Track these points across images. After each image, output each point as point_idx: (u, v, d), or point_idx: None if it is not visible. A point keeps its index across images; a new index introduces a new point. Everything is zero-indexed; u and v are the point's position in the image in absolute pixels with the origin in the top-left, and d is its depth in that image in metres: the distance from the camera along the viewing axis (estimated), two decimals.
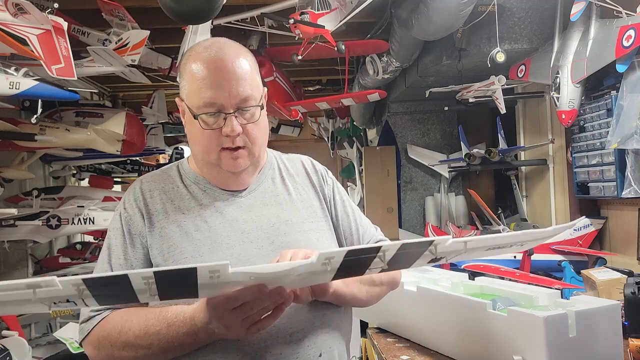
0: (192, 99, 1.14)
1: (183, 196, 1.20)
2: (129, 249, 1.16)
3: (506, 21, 3.13)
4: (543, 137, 3.55)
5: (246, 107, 1.13)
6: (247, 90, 1.13)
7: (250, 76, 1.15)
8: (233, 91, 1.11)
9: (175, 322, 1.02)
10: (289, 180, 1.28)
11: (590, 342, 1.36)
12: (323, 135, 7.23)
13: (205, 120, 1.12)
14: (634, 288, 1.66)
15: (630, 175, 2.44)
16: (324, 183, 1.31)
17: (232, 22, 3.24)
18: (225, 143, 1.14)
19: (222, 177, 1.20)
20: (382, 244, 0.85)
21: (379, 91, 3.79)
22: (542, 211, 3.67)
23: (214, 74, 1.11)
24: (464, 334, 1.57)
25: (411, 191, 4.82)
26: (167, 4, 2.23)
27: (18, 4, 2.40)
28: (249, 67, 1.16)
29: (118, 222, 1.19)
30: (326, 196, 1.29)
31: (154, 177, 1.25)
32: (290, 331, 1.08)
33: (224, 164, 1.16)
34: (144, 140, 4.02)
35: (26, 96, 2.89)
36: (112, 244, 1.17)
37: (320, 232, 1.23)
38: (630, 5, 2.40)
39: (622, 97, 2.43)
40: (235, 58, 1.14)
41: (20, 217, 3.68)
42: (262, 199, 1.22)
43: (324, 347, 1.12)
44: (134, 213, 1.18)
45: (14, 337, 2.88)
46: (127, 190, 1.24)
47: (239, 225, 1.16)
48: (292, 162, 1.34)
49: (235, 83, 1.12)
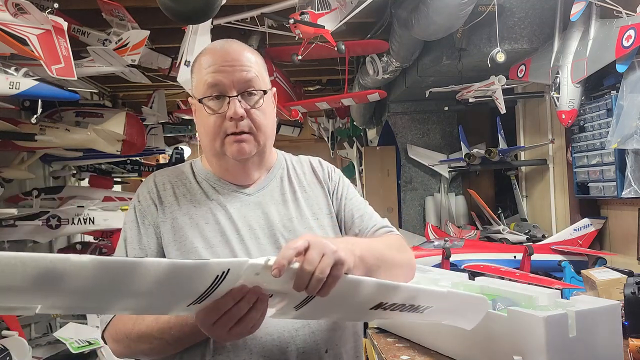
0: (199, 88, 1.18)
1: (195, 191, 1.23)
2: (143, 238, 1.18)
3: (506, 21, 3.13)
4: (543, 137, 3.55)
5: (249, 90, 1.16)
6: (250, 74, 1.16)
7: (255, 65, 1.18)
8: (237, 75, 1.14)
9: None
10: (296, 180, 1.30)
11: (590, 342, 1.36)
12: (323, 135, 7.23)
13: (208, 105, 1.15)
14: (634, 288, 1.66)
15: (630, 175, 2.44)
16: (329, 179, 1.33)
17: (232, 22, 3.24)
18: (229, 128, 1.15)
19: (229, 167, 1.22)
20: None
21: (379, 91, 3.79)
22: (542, 211, 3.67)
23: (218, 60, 1.16)
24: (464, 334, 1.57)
25: (411, 191, 4.82)
26: (165, 3, 2.23)
27: (18, 4, 2.40)
28: (254, 59, 1.19)
29: (132, 215, 1.22)
30: (331, 190, 1.31)
31: (167, 172, 1.28)
32: (296, 326, 1.09)
33: (228, 150, 1.17)
34: (144, 140, 4.03)
35: (26, 96, 2.89)
36: (128, 237, 1.19)
37: (325, 229, 1.24)
38: (630, 5, 2.40)
39: (622, 97, 2.43)
40: (241, 49, 1.19)
41: (20, 217, 3.69)
42: (270, 197, 1.24)
43: (330, 344, 1.13)
44: (148, 205, 1.21)
45: (14, 337, 2.88)
46: (141, 184, 1.27)
47: (247, 222, 1.19)
48: (300, 162, 1.36)
49: (238, 67, 1.15)
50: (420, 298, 1.02)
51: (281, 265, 0.82)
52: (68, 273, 0.70)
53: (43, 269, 0.68)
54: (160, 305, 0.87)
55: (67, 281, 0.70)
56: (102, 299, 0.81)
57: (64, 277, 0.70)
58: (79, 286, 0.72)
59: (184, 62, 2.85)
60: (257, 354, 1.06)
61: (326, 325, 1.13)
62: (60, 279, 0.70)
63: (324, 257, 0.86)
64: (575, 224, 3.03)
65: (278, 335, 1.08)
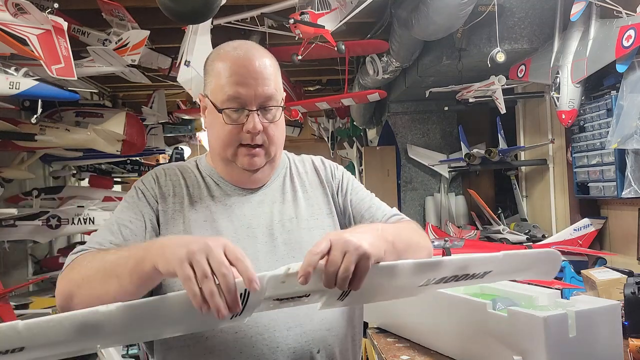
0: (217, 94, 1.17)
1: (199, 185, 1.24)
2: (138, 208, 1.17)
3: (506, 21, 3.13)
4: (543, 137, 3.55)
5: (269, 106, 1.17)
6: (271, 89, 1.17)
7: (274, 78, 1.19)
8: (259, 89, 1.15)
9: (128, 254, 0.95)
10: (298, 179, 1.31)
11: (590, 342, 1.36)
12: (323, 135, 7.23)
13: (229, 115, 1.16)
14: (634, 288, 1.66)
15: (630, 175, 2.44)
16: (333, 177, 1.33)
17: (232, 22, 3.24)
18: (244, 140, 1.16)
19: (235, 174, 1.22)
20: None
21: (379, 91, 3.79)
22: (542, 211, 3.67)
23: (241, 71, 1.15)
24: (464, 334, 1.57)
25: (411, 191, 4.82)
26: (165, 3, 2.23)
27: (18, 4, 2.40)
28: (274, 69, 1.20)
29: (134, 191, 1.22)
30: (335, 188, 1.32)
31: (174, 166, 1.29)
32: (288, 325, 1.09)
33: (239, 161, 1.18)
34: (144, 140, 4.03)
35: (26, 96, 2.89)
36: (121, 214, 1.17)
37: (325, 229, 1.24)
38: (630, 5, 2.40)
39: (622, 97, 2.43)
40: (262, 59, 1.18)
41: (20, 217, 3.69)
42: (272, 197, 1.25)
43: (322, 344, 1.13)
44: (151, 187, 1.21)
45: None
46: (148, 172, 1.28)
47: (246, 220, 1.19)
48: (303, 162, 1.37)
49: (261, 82, 1.15)
50: (473, 267, 1.01)
51: (307, 272, 0.84)
52: (102, 322, 0.79)
53: (79, 323, 0.78)
54: (202, 324, 0.94)
55: (105, 327, 0.80)
56: (145, 331, 0.90)
57: (100, 325, 0.79)
58: (117, 328, 0.81)
59: (184, 62, 2.85)
60: (248, 353, 1.06)
61: (320, 325, 1.13)
62: (98, 327, 0.79)
63: (346, 254, 0.87)
64: (575, 224, 3.03)
65: (269, 335, 1.07)
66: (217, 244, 0.83)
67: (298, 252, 1.16)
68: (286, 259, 1.14)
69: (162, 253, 0.86)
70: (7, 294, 3.10)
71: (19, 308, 3.52)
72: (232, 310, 0.81)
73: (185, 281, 0.81)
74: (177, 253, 0.83)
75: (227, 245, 0.84)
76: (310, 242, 1.13)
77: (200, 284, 0.80)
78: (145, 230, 1.15)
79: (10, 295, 3.32)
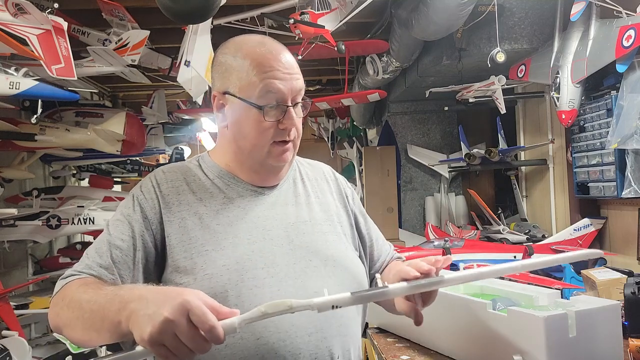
0: (249, 91, 1.13)
1: (207, 188, 1.19)
2: (130, 224, 1.12)
3: (506, 21, 3.13)
4: (543, 137, 3.55)
5: (300, 101, 1.17)
6: (301, 82, 1.17)
7: (299, 70, 1.19)
8: (293, 83, 1.14)
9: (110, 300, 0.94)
10: (309, 183, 1.30)
11: (590, 342, 1.36)
12: (323, 135, 7.23)
13: (269, 113, 1.13)
14: (634, 288, 1.67)
15: (630, 175, 2.44)
16: (344, 192, 1.35)
17: (232, 22, 3.24)
18: (279, 136, 1.15)
19: (262, 171, 1.20)
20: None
21: (379, 91, 3.79)
22: (542, 211, 3.67)
23: (275, 65, 1.13)
24: (464, 334, 1.57)
25: (411, 191, 4.82)
26: (165, 3, 2.23)
27: (18, 4, 2.40)
28: (296, 62, 1.20)
29: (130, 201, 1.16)
30: (345, 201, 1.33)
31: (174, 168, 1.24)
32: (309, 331, 1.08)
33: (272, 158, 1.17)
34: (144, 140, 4.03)
35: (26, 96, 2.89)
36: (116, 220, 1.14)
37: (337, 235, 1.24)
38: (630, 5, 2.40)
39: (622, 97, 2.43)
40: (287, 53, 1.18)
41: (20, 217, 3.68)
42: (284, 198, 1.23)
43: (342, 349, 1.12)
44: (151, 198, 1.16)
45: (14, 337, 2.88)
46: (146, 177, 1.21)
47: (261, 222, 1.16)
48: (313, 166, 1.36)
49: (295, 75, 1.15)
50: (487, 275, 1.07)
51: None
52: None
53: None
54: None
55: None
56: None
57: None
58: None
59: (184, 62, 2.84)
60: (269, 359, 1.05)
61: (338, 330, 1.12)
62: None
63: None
64: (575, 224, 3.03)
65: (290, 341, 1.06)
66: (182, 311, 0.83)
67: (314, 255, 1.15)
68: (303, 262, 1.13)
69: (136, 321, 0.86)
70: (7, 294, 3.10)
71: (19, 308, 3.52)
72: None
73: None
74: (146, 331, 0.83)
75: (191, 310, 0.83)
76: (325, 246, 1.17)
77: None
78: (135, 250, 1.10)
79: (10, 295, 3.32)
